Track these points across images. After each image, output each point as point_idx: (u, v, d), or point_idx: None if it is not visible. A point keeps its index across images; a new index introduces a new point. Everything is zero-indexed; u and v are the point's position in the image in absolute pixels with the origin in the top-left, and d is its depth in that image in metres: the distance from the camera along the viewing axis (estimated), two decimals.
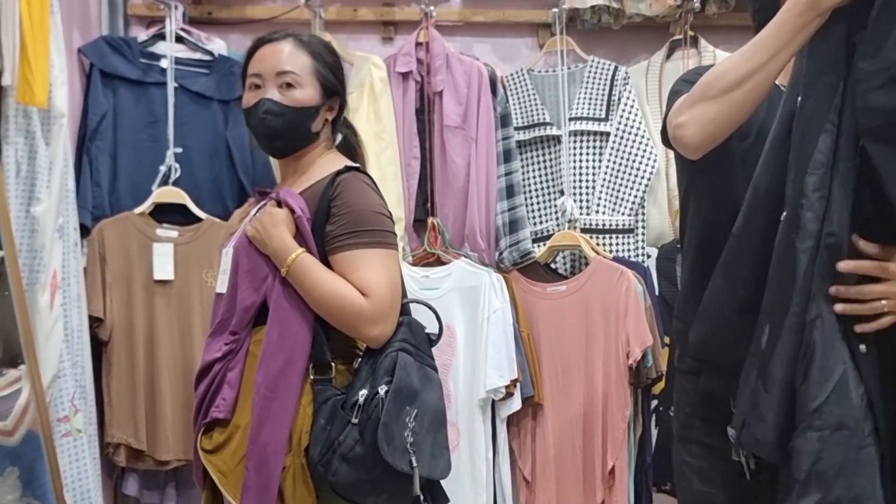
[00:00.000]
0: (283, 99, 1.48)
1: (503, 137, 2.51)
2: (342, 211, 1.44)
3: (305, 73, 1.50)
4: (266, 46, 1.52)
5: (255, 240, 1.46)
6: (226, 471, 1.42)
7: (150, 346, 2.33)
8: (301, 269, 1.41)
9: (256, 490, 1.38)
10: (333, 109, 1.57)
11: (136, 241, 2.34)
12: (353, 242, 1.42)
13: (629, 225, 2.54)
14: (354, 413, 1.38)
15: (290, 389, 1.40)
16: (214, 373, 1.45)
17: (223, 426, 1.44)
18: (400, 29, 2.72)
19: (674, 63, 2.60)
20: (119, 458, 2.32)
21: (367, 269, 1.41)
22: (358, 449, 1.36)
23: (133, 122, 2.41)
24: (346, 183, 1.46)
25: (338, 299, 1.40)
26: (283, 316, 1.42)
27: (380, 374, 1.40)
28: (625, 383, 2.35)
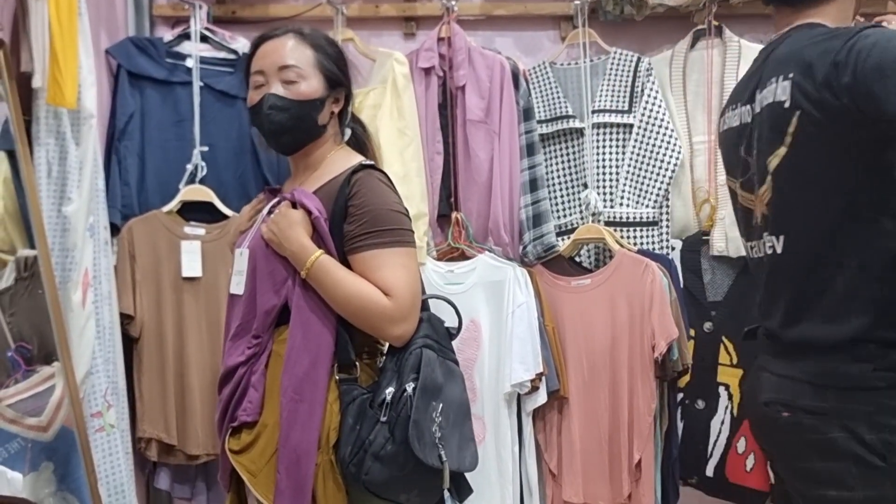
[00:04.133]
0: (287, 93, 1.47)
1: (526, 131, 2.51)
2: (360, 210, 1.43)
3: (308, 65, 1.50)
4: (267, 43, 1.52)
5: (271, 242, 1.45)
6: (255, 470, 1.42)
7: (179, 343, 2.36)
8: (322, 271, 1.41)
9: (290, 493, 1.38)
10: (339, 101, 1.57)
11: (165, 239, 2.37)
12: (373, 242, 1.42)
13: (653, 217, 2.52)
14: (383, 411, 1.39)
15: (317, 391, 1.40)
16: (239, 376, 1.45)
17: (250, 427, 1.44)
18: (422, 24, 2.72)
19: (698, 53, 2.58)
20: (150, 453, 2.35)
21: (387, 269, 1.41)
22: (389, 447, 1.37)
23: (160, 122, 2.44)
24: (363, 181, 1.45)
25: (361, 300, 1.40)
26: (305, 318, 1.42)
27: (406, 371, 1.40)
28: (650, 376, 2.34)
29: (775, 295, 1.47)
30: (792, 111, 1.36)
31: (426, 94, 2.53)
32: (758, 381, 1.49)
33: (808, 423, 1.35)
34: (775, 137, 1.40)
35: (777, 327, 1.45)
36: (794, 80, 1.36)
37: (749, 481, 2.45)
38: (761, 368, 1.50)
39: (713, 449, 2.49)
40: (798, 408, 1.37)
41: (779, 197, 1.43)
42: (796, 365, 1.39)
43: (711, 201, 2.52)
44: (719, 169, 2.53)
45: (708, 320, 2.50)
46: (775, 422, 1.41)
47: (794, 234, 1.42)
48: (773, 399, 1.42)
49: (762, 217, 1.49)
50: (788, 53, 1.41)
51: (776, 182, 1.42)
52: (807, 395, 1.36)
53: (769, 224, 1.47)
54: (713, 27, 2.55)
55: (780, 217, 1.44)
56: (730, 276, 2.51)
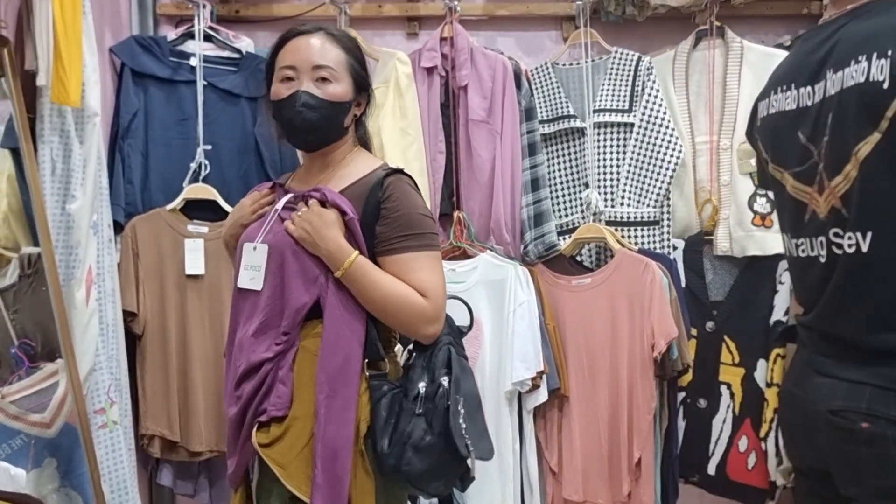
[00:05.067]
0: (320, 92, 1.49)
1: (528, 131, 2.52)
2: (393, 214, 1.46)
3: (340, 67, 1.51)
4: (298, 39, 1.52)
5: (303, 240, 1.45)
6: (284, 463, 1.43)
7: (182, 340, 2.37)
8: (359, 272, 1.43)
9: (327, 487, 1.40)
10: (361, 105, 1.59)
11: (168, 236, 2.38)
12: (408, 245, 1.46)
13: (654, 217, 2.53)
14: (418, 405, 1.44)
15: (350, 387, 1.43)
16: (264, 372, 1.45)
17: (280, 420, 1.45)
18: (424, 24, 2.73)
19: (700, 53, 2.58)
20: (153, 450, 2.37)
21: (422, 271, 1.46)
22: (428, 438, 1.42)
23: (163, 120, 2.45)
24: (395, 186, 1.48)
25: (401, 300, 1.44)
26: (338, 316, 1.44)
27: (437, 367, 1.46)
28: (650, 375, 2.34)
29: (852, 297, 1.31)
30: (892, 93, 1.19)
31: (429, 93, 2.53)
32: (812, 387, 1.34)
33: (894, 436, 1.21)
34: (867, 122, 1.23)
35: (860, 332, 1.29)
36: (894, 59, 1.20)
37: (750, 479, 2.46)
38: (816, 373, 1.35)
39: (715, 447, 2.50)
40: (883, 418, 1.22)
41: (866, 189, 1.25)
42: (880, 372, 1.24)
43: (713, 201, 2.53)
44: (722, 169, 2.53)
45: (710, 320, 2.51)
46: (849, 433, 1.25)
47: (884, 231, 1.24)
48: (847, 407, 1.26)
49: (831, 211, 1.33)
50: (882, 28, 1.24)
51: (864, 172, 1.25)
52: (893, 404, 1.22)
53: (847, 219, 1.30)
54: (715, 28, 2.55)
55: (867, 212, 1.26)
56: (732, 275, 2.52)
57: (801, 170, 1.39)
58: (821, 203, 1.34)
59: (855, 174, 1.26)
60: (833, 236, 1.32)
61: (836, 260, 1.33)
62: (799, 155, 1.39)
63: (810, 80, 1.36)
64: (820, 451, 1.33)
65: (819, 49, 1.37)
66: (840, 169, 1.28)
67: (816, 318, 1.39)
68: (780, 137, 1.45)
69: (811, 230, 1.38)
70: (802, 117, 1.37)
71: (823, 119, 1.32)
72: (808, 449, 1.38)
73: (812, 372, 1.36)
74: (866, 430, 1.22)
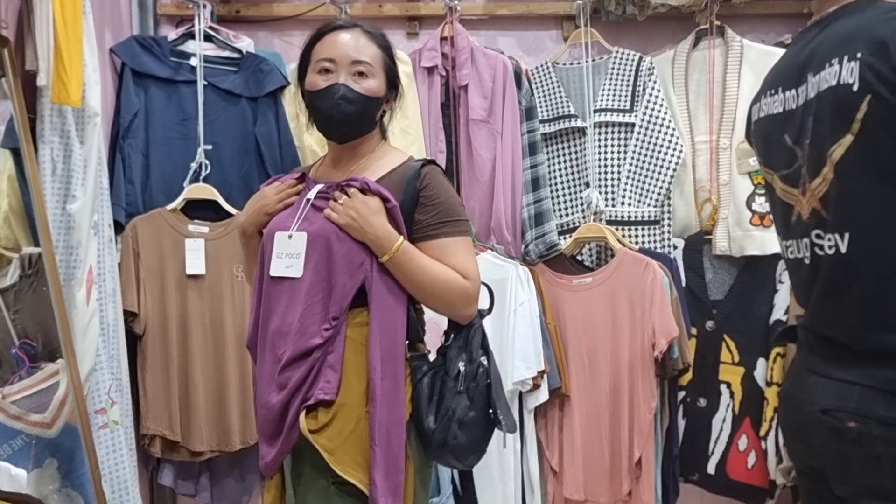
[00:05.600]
0: (358, 87, 1.54)
1: (528, 130, 2.52)
2: (432, 202, 1.54)
3: (376, 63, 1.57)
4: (337, 33, 1.56)
5: (349, 227, 1.49)
6: (332, 448, 1.46)
7: (183, 340, 2.37)
8: (406, 257, 1.49)
9: (385, 465, 1.45)
10: (390, 102, 1.65)
11: (169, 236, 2.38)
12: (447, 231, 1.53)
13: (655, 216, 2.53)
14: (459, 382, 1.52)
15: (398, 368, 1.49)
16: (314, 359, 1.47)
17: (327, 406, 1.47)
18: (424, 24, 2.73)
19: (700, 53, 2.58)
20: (154, 450, 2.37)
21: (462, 254, 1.53)
22: (472, 413, 1.51)
23: (164, 121, 2.45)
24: (432, 175, 1.56)
25: (447, 283, 1.51)
26: (383, 300, 1.50)
27: (474, 347, 1.55)
28: (651, 375, 2.35)
29: (837, 298, 1.31)
30: (861, 95, 1.20)
31: (429, 93, 2.53)
32: (808, 387, 1.35)
33: (881, 436, 1.21)
34: (839, 124, 1.25)
35: (847, 332, 1.29)
36: (864, 61, 1.21)
37: (750, 478, 2.46)
38: (811, 373, 1.36)
39: (715, 446, 2.50)
40: (870, 418, 1.22)
41: (841, 190, 1.26)
42: (869, 372, 1.24)
43: (713, 201, 2.53)
44: (722, 168, 2.53)
45: (710, 319, 2.51)
46: (839, 432, 1.25)
47: (862, 232, 1.25)
48: (837, 407, 1.26)
49: (812, 213, 1.34)
50: (853, 31, 1.26)
51: (839, 174, 1.26)
52: (881, 404, 1.21)
53: (827, 221, 1.31)
54: (715, 27, 2.55)
55: (843, 213, 1.27)
56: (731, 274, 2.52)
57: (788, 172, 1.40)
58: (804, 205, 1.36)
59: (831, 176, 1.27)
60: (815, 238, 1.34)
61: (819, 261, 1.34)
62: (786, 158, 1.40)
63: (795, 84, 1.38)
64: (815, 451, 1.34)
65: (802, 52, 1.38)
66: (819, 171, 1.30)
67: (809, 319, 1.40)
68: (769, 140, 1.47)
69: (797, 232, 1.39)
70: (789, 120, 1.39)
71: (805, 122, 1.33)
72: (804, 449, 1.38)
73: (808, 372, 1.37)
74: (854, 430, 1.23)
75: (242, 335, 2.40)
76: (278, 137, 2.47)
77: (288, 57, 2.63)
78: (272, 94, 2.48)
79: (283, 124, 2.48)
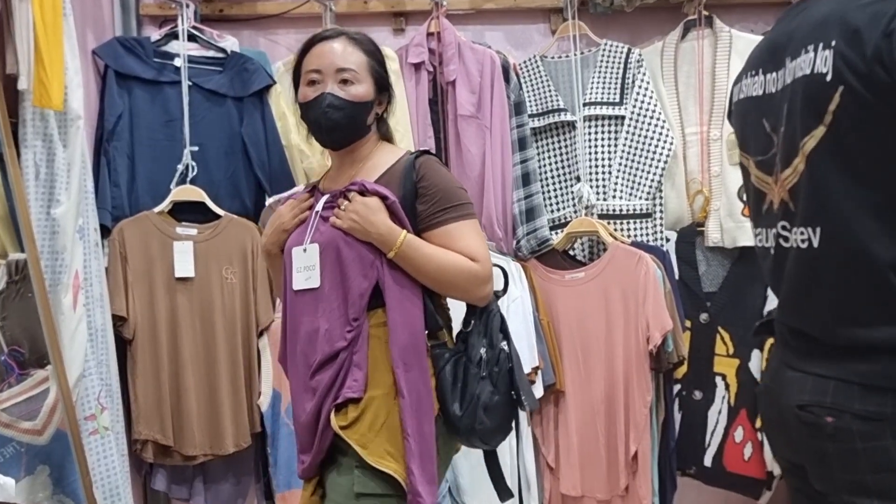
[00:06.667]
0: (344, 94, 1.58)
1: (517, 125, 2.50)
2: (430, 190, 1.56)
3: (362, 69, 1.60)
4: (322, 44, 1.61)
5: (353, 230, 1.53)
6: (365, 442, 1.49)
7: (173, 343, 2.35)
8: (411, 249, 1.52)
9: (419, 452, 1.49)
10: (383, 104, 1.68)
11: (157, 239, 2.36)
12: (451, 217, 1.55)
13: (646, 209, 2.52)
14: (482, 368, 1.56)
15: (421, 358, 1.53)
16: (341, 360, 1.52)
17: (356, 403, 1.51)
18: (411, 20, 2.71)
19: (689, 44, 2.57)
20: (147, 455, 2.35)
21: (468, 238, 1.56)
22: (496, 398, 1.56)
23: (149, 122, 2.43)
24: (427, 165, 1.58)
25: (456, 268, 1.53)
26: (398, 294, 1.53)
27: (494, 331, 1.59)
28: (646, 368, 2.34)
29: (812, 292, 1.27)
30: (834, 86, 1.15)
31: (416, 89, 2.52)
32: (784, 382, 1.32)
33: (859, 430, 1.18)
34: (812, 116, 1.20)
35: (819, 327, 1.27)
36: (838, 50, 1.15)
37: (747, 470, 2.46)
38: (787, 367, 1.32)
39: (711, 439, 2.50)
40: (847, 412, 1.19)
41: (813, 183, 1.22)
42: (843, 366, 1.21)
43: (705, 192, 2.52)
44: (713, 160, 2.52)
45: (704, 311, 2.50)
46: (816, 428, 1.23)
47: (833, 227, 1.21)
48: (813, 402, 1.23)
49: (781, 204, 1.30)
50: (828, 16, 1.20)
51: (811, 167, 1.22)
52: (857, 398, 1.18)
53: (795, 214, 1.27)
54: (703, 17, 2.54)
55: (814, 207, 1.23)
56: (724, 266, 2.51)
57: (763, 158, 1.36)
58: (776, 194, 1.32)
59: (802, 168, 1.23)
60: (781, 229, 1.30)
61: (784, 253, 1.31)
62: (763, 143, 1.35)
63: (775, 67, 1.33)
64: (794, 446, 1.31)
65: (783, 33, 1.33)
66: (790, 162, 1.26)
67: (781, 313, 1.37)
68: (747, 123, 1.42)
69: (767, 221, 1.36)
70: (768, 104, 1.34)
71: (783, 109, 1.28)
72: (784, 444, 1.36)
73: (784, 367, 1.33)
74: (831, 425, 1.20)
75: (233, 337, 2.40)
76: (265, 137, 2.45)
77: (273, 55, 2.61)
78: (258, 94, 2.46)
79: (270, 124, 2.46)
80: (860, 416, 1.18)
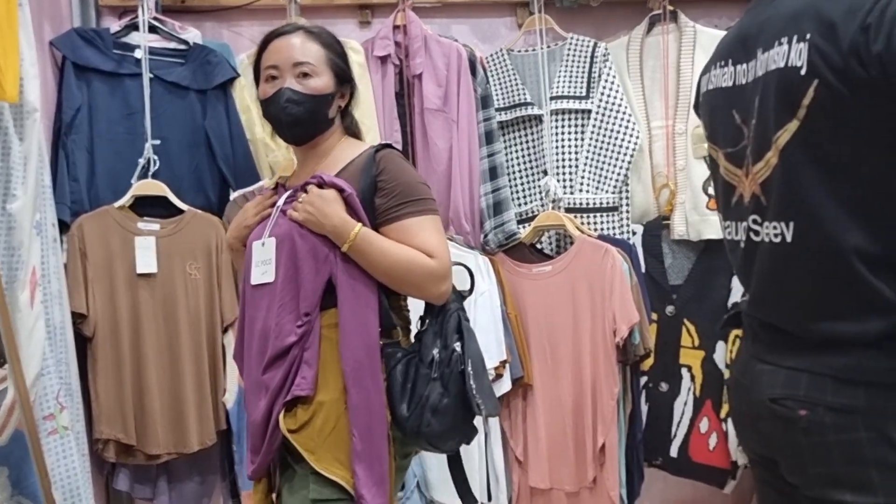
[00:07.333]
0: (302, 88, 1.56)
1: (484, 119, 2.50)
2: (389, 184, 1.53)
3: (320, 62, 1.59)
4: (279, 39, 1.60)
5: (308, 222, 1.51)
6: (313, 447, 1.47)
7: (135, 341, 2.31)
8: (365, 242, 1.49)
9: (366, 454, 1.46)
10: (345, 97, 1.66)
11: (117, 235, 2.31)
12: (409, 211, 1.53)
13: (613, 203, 2.53)
14: (433, 369, 1.51)
15: (373, 356, 1.50)
16: (292, 357, 1.49)
17: (306, 405, 1.49)
18: (377, 12, 2.69)
19: (654, 38, 2.59)
20: (109, 454, 2.31)
21: (426, 233, 1.53)
22: (445, 400, 1.51)
23: (109, 115, 2.37)
24: (388, 158, 1.56)
25: (410, 263, 1.50)
26: (351, 290, 1.50)
27: (449, 332, 1.55)
28: (613, 361, 2.35)
29: (784, 286, 1.26)
30: (809, 80, 1.13)
31: (383, 82, 2.50)
32: (755, 375, 1.30)
33: (831, 423, 1.17)
34: (786, 109, 1.18)
35: (791, 321, 1.25)
36: (813, 43, 1.13)
37: (712, 460, 2.49)
38: (757, 361, 1.31)
39: (677, 430, 2.52)
40: (820, 405, 1.18)
41: (785, 178, 1.21)
42: (816, 359, 1.20)
43: (670, 186, 2.54)
44: (678, 153, 2.54)
45: (670, 304, 2.52)
46: (789, 421, 1.22)
47: (807, 222, 1.20)
48: (786, 395, 1.22)
49: (752, 198, 1.28)
50: (802, 8, 1.18)
51: (784, 161, 1.20)
52: (829, 391, 1.17)
53: (766, 208, 1.25)
54: (668, 12, 2.56)
55: (787, 201, 1.22)
56: (690, 259, 2.54)
57: (733, 151, 1.34)
58: (746, 187, 1.30)
59: (775, 162, 1.21)
60: (752, 223, 1.29)
61: (754, 247, 1.29)
62: (732, 135, 1.33)
63: (745, 58, 1.30)
64: (766, 440, 1.30)
65: (753, 24, 1.30)
66: (762, 155, 1.24)
67: (751, 306, 1.36)
68: (716, 115, 1.40)
69: (736, 214, 1.34)
70: (738, 96, 1.31)
71: (754, 101, 1.26)
72: (755, 438, 1.35)
73: (755, 360, 1.32)
74: (804, 418, 1.19)
75: (197, 334, 2.36)
76: (229, 131, 2.41)
77: (237, 48, 2.57)
78: (221, 87, 2.42)
79: (234, 117, 2.42)
80: (833, 408, 1.17)
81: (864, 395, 1.15)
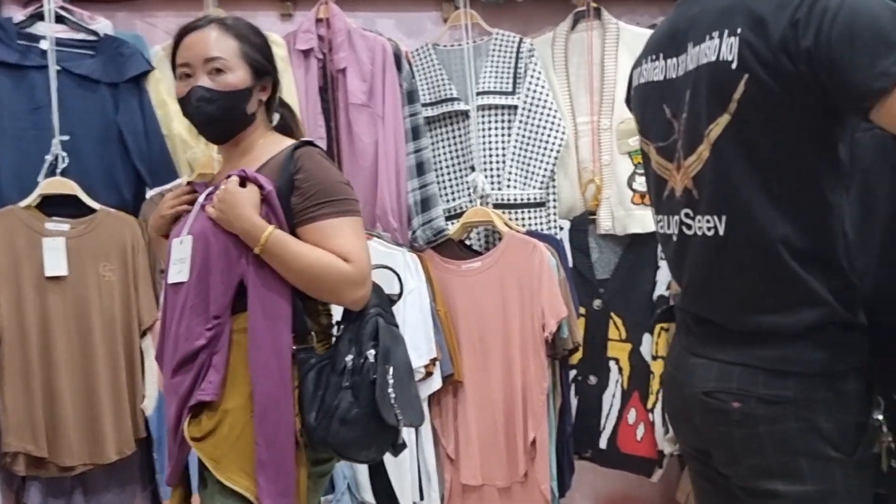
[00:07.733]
0: (214, 84, 1.51)
1: (410, 114, 2.47)
2: (307, 183, 1.48)
3: (233, 56, 1.52)
4: (191, 35, 1.54)
5: (220, 220, 1.46)
6: (218, 456, 1.43)
7: (45, 347, 2.20)
8: (278, 245, 1.44)
9: (272, 463, 1.41)
10: (266, 90, 1.60)
11: (24, 236, 2.19)
12: (325, 212, 1.47)
13: (540, 198, 2.54)
14: (345, 377, 1.45)
15: (283, 361, 1.44)
16: (201, 361, 1.44)
17: (211, 412, 1.44)
18: (299, 5, 2.63)
19: (578, 35, 2.61)
20: (18, 468, 2.19)
21: (342, 236, 1.47)
22: (355, 410, 1.44)
23: (13, 110, 2.25)
24: (306, 157, 1.50)
25: (323, 268, 1.45)
26: (263, 293, 1.45)
27: (364, 339, 1.48)
28: (542, 356, 2.36)
29: (716, 280, 1.27)
30: (739, 74, 1.14)
31: (305, 77, 2.44)
32: (688, 369, 1.31)
33: (763, 414, 1.19)
34: (717, 103, 1.19)
35: (723, 314, 1.27)
36: (743, 38, 1.14)
37: (639, 450, 2.53)
38: (691, 354, 1.32)
39: (606, 422, 2.55)
40: (752, 397, 1.20)
41: (717, 172, 1.21)
42: (748, 351, 1.22)
43: (596, 181, 2.56)
44: (603, 149, 2.57)
45: (597, 298, 2.55)
46: (722, 413, 1.23)
47: (738, 215, 1.21)
48: (719, 388, 1.23)
49: (684, 192, 1.29)
50: (733, 2, 1.19)
51: (715, 155, 1.21)
52: (761, 383, 1.19)
53: (698, 201, 1.26)
54: (592, 9, 2.58)
55: (719, 195, 1.22)
56: (616, 253, 2.57)
57: (664, 145, 1.34)
58: (677, 181, 1.31)
59: (707, 155, 1.22)
60: (684, 216, 1.30)
61: (686, 241, 1.30)
62: (663, 129, 1.34)
63: (676, 52, 1.31)
64: (699, 433, 1.31)
65: (683, 18, 1.31)
66: (694, 149, 1.24)
67: (684, 300, 1.37)
68: (646, 109, 1.40)
69: (668, 208, 1.35)
70: (669, 90, 1.32)
71: (685, 95, 1.27)
72: (688, 431, 1.36)
73: (688, 354, 1.33)
74: (737, 410, 1.21)
75: (112, 338, 2.26)
76: (143, 126, 2.31)
77: (151, 39, 2.46)
78: (135, 80, 2.32)
79: (149, 112, 2.33)
80: (764, 400, 1.19)
81: (793, 387, 1.17)
